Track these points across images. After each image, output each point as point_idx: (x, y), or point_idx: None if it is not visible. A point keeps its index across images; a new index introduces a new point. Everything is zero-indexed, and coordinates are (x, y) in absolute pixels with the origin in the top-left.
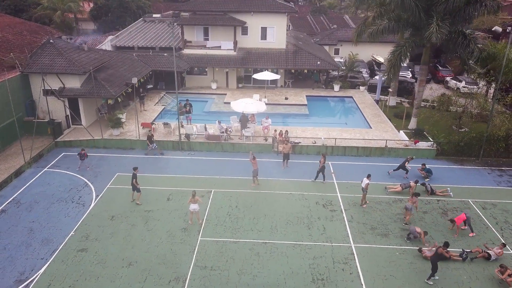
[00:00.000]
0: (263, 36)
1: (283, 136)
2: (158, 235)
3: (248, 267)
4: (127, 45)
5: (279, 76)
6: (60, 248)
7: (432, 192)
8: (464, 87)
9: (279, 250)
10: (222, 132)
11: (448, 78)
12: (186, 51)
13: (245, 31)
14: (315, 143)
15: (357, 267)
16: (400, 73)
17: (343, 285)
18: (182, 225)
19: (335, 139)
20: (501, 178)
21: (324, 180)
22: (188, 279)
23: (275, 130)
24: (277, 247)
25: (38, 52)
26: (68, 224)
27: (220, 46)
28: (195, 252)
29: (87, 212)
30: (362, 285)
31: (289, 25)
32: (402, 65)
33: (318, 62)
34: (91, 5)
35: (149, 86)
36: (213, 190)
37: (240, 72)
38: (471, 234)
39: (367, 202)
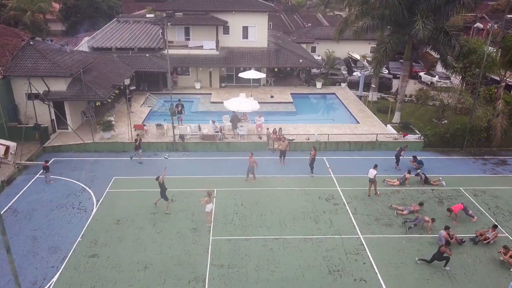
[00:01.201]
0: (245, 35)
1: (277, 133)
2: (169, 236)
3: (264, 263)
4: (104, 46)
5: (265, 75)
6: (69, 255)
7: (426, 181)
8: (438, 81)
9: (292, 245)
10: (217, 132)
11: (421, 73)
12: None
13: (226, 30)
14: (308, 139)
15: (369, 257)
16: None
17: (359, 275)
18: (191, 225)
19: (328, 135)
20: (486, 166)
21: (312, 172)
22: (207, 278)
23: (268, 128)
24: (289, 242)
25: (19, 54)
26: (72, 231)
27: (202, 46)
28: (209, 252)
29: (91, 217)
30: (377, 273)
31: (270, 23)
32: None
33: (301, 60)
34: (59, 5)
35: (132, 88)
36: (215, 190)
37: (222, 71)
38: (474, 219)
39: (378, 192)
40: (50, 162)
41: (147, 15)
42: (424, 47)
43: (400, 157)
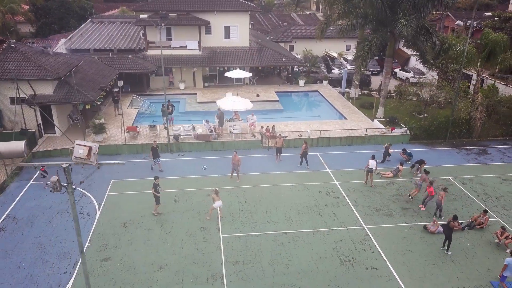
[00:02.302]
0: (227, 35)
1: (270, 131)
2: (179, 236)
3: (278, 257)
4: (82, 48)
5: (250, 74)
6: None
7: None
8: (412, 77)
9: (301, 239)
10: (211, 131)
11: (396, 70)
12: (150, 52)
13: (208, 30)
14: (301, 136)
15: (376, 246)
16: (353, 66)
17: (369, 263)
18: (199, 224)
19: (320, 131)
20: (469, 156)
21: (300, 164)
22: (224, 275)
23: (262, 126)
24: (298, 235)
25: (0, 58)
26: None
27: (185, 46)
28: (222, 249)
29: (95, 221)
30: (386, 261)
31: (252, 23)
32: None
33: (283, 59)
34: (28, 6)
35: (116, 90)
36: (216, 189)
37: (205, 71)
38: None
39: (373, 185)
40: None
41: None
42: (397, 44)
43: (388, 156)
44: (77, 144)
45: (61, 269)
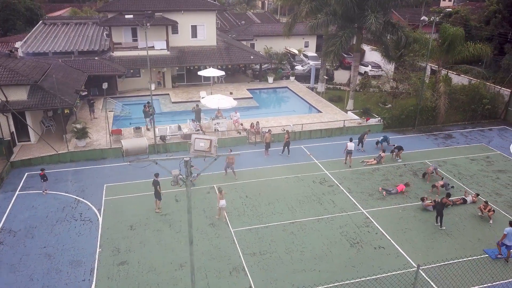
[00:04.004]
0: (194, 34)
1: (254, 127)
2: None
3: (291, 245)
4: (41, 51)
5: (223, 72)
6: (96, 266)
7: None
8: (371, 70)
9: (308, 226)
10: (198, 130)
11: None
12: (117, 53)
13: (175, 29)
14: (284, 130)
15: (378, 228)
16: (316, 62)
17: (376, 243)
18: (207, 221)
19: (302, 124)
20: (437, 140)
21: (282, 152)
22: (245, 267)
23: (241, 124)
24: (305, 224)
25: None
26: (87, 242)
27: (153, 47)
28: (236, 243)
29: (100, 227)
30: (390, 240)
31: (218, 22)
32: (313, 55)
33: (252, 57)
34: None
35: (84, 93)
36: (215, 185)
37: (174, 71)
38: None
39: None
40: (24, 178)
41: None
42: (352, 40)
43: (363, 141)
44: (196, 138)
45: (78, 277)
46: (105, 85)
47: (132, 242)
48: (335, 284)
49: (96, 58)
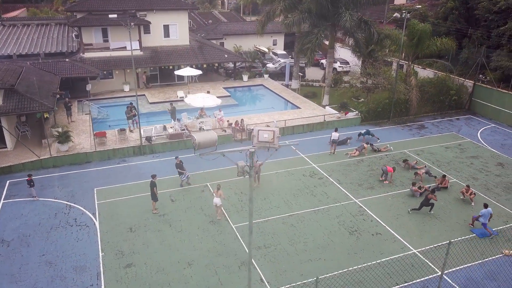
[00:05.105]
0: (166, 34)
1: (239, 125)
2: (193, 233)
3: (294, 237)
4: (4, 54)
5: (201, 71)
6: (101, 270)
7: (377, 151)
8: (339, 66)
9: (306, 218)
10: (183, 130)
11: (322, 61)
12: (87, 54)
13: (147, 29)
14: (268, 126)
15: (372, 215)
16: (287, 60)
17: (373, 230)
18: (206, 219)
19: (285, 120)
20: (412, 131)
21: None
22: (252, 260)
23: (228, 120)
24: (303, 216)
25: None
26: (87, 247)
27: (125, 47)
28: (240, 238)
29: (98, 231)
30: (385, 226)
31: (190, 21)
32: (282, 53)
33: (226, 55)
34: None
35: (58, 96)
36: (208, 184)
37: (146, 72)
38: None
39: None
40: (6, 186)
41: (78, 16)
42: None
43: (347, 143)
44: (260, 130)
45: (85, 283)
46: (88, 87)
47: (134, 244)
48: (344, 270)
49: (66, 60)
